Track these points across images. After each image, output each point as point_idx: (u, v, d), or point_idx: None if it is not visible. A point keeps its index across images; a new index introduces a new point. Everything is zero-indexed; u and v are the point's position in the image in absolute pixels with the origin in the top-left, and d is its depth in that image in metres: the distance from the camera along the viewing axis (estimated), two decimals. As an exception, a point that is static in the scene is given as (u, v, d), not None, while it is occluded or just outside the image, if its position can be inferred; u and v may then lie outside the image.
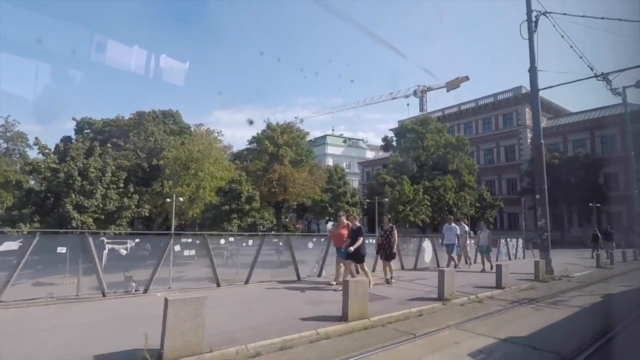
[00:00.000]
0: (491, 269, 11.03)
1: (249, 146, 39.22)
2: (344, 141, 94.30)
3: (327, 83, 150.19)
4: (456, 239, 12.25)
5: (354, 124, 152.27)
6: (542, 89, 12.81)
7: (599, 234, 24.06)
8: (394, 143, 48.26)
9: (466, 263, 13.51)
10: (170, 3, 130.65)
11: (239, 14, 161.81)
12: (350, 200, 29.37)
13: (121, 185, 19.66)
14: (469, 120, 56.68)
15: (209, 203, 22.11)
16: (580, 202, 39.04)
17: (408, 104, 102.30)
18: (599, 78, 11.64)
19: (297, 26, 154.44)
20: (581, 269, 14.39)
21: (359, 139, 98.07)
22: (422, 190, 33.10)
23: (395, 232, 9.80)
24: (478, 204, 39.84)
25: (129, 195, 19.81)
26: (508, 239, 18.00)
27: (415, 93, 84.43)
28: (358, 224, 8.87)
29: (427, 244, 13.66)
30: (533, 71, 12.73)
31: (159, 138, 31.26)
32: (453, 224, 12.77)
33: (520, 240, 18.44)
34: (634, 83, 26.11)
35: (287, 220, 56.48)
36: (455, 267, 12.23)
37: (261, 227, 22.14)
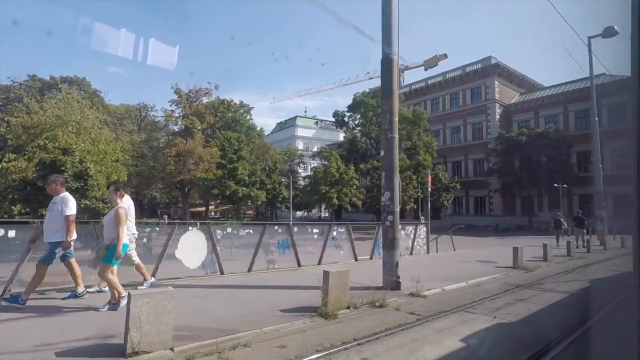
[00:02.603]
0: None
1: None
2: (316, 123, 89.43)
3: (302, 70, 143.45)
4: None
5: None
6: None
7: (562, 220, 21.53)
8: (346, 119, 42.86)
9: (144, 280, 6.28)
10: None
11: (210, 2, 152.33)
12: (247, 179, 23.93)
13: None
14: (436, 95, 51.32)
15: (20, 180, 16.53)
16: (550, 184, 34.39)
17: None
18: None
19: (272, 14, 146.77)
20: (482, 273, 9.31)
21: (332, 121, 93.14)
22: (352, 169, 27.84)
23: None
24: (432, 186, 34.65)
25: None
26: (409, 227, 12.81)
27: (392, 72, 79.29)
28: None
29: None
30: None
31: (31, 106, 25.64)
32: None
33: (423, 229, 13.10)
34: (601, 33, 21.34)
35: (243, 208, 50.89)
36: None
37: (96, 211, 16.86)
